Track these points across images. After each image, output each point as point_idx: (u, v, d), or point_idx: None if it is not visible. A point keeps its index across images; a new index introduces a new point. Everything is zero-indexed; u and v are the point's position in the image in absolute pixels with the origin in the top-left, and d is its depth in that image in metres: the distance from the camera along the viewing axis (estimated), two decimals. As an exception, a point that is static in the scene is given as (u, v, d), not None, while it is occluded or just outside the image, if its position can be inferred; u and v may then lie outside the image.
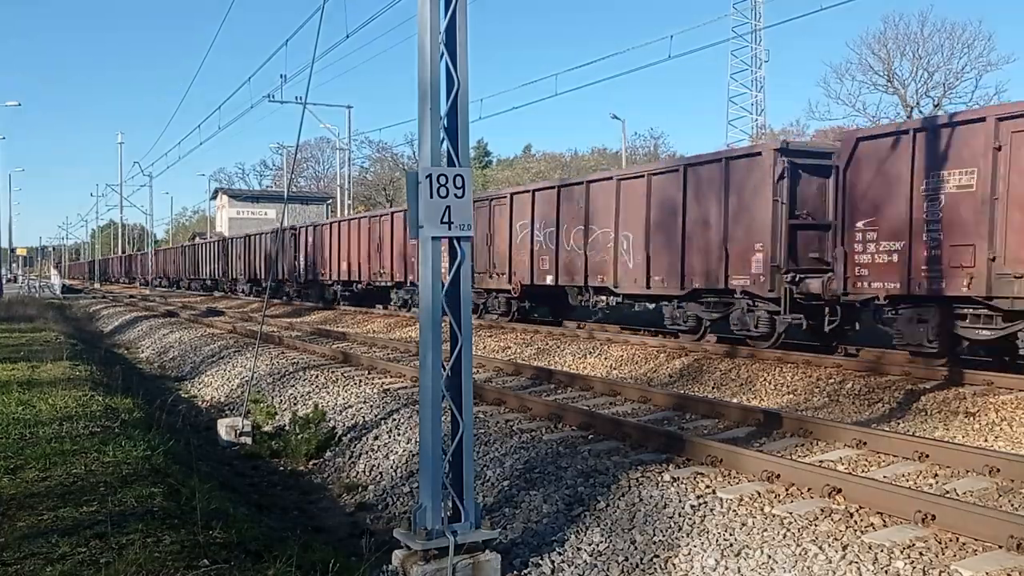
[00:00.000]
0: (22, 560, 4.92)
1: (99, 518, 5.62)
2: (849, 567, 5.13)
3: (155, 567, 4.81)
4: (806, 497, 6.33)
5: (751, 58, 59.32)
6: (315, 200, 71.75)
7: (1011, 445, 8.39)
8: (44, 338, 19.68)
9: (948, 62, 43.06)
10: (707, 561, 5.53)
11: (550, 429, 8.98)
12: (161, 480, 6.72)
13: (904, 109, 43.31)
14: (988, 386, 10.21)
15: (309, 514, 7.93)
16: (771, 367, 12.41)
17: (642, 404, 10.43)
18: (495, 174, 69.04)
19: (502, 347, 17.23)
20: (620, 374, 13.75)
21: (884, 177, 11.78)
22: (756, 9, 56.32)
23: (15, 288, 58.94)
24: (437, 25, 5.45)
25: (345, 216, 37.62)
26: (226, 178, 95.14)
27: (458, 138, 5.56)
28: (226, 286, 46.28)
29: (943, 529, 5.51)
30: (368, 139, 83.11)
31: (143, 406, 10.75)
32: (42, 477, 6.71)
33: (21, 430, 8.41)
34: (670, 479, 6.80)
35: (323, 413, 10.88)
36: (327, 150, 76.06)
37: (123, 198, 66.96)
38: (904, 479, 7.02)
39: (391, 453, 8.91)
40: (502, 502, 6.95)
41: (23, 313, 28.08)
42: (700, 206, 14.79)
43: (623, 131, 61.59)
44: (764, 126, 57.57)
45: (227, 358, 16.87)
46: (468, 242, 5.60)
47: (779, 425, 8.75)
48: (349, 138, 47.65)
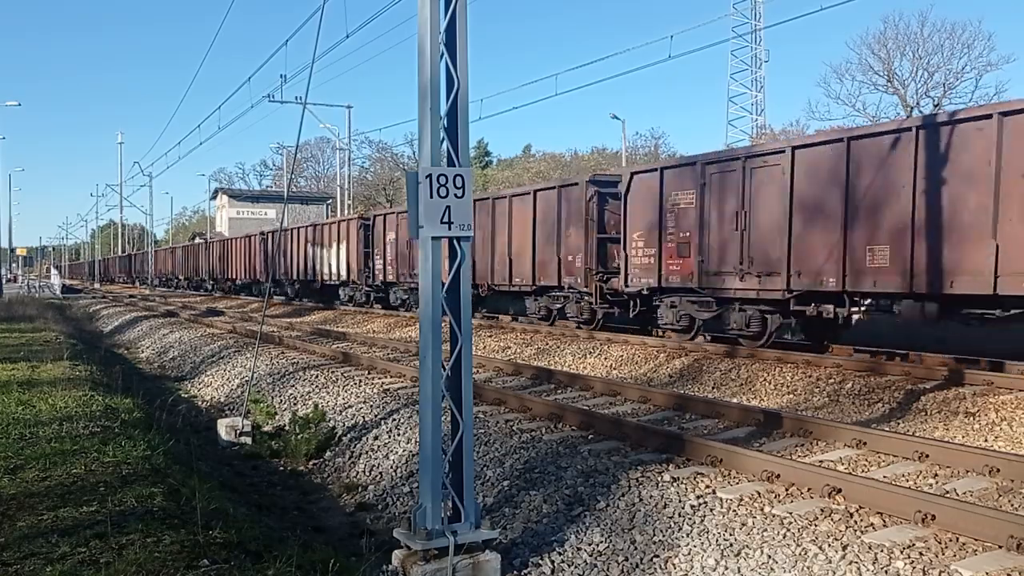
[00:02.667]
0: (22, 560, 4.92)
1: (99, 518, 5.61)
2: (849, 567, 5.14)
3: (155, 567, 4.80)
4: (806, 497, 6.33)
5: (751, 58, 59.39)
6: (315, 200, 71.71)
7: (1011, 445, 8.39)
8: (44, 338, 19.68)
9: (948, 62, 43.03)
10: (707, 561, 5.53)
11: (550, 429, 8.98)
12: (161, 480, 6.72)
13: (904, 109, 43.27)
14: (988, 386, 10.21)
15: (309, 514, 7.93)
16: (771, 367, 12.40)
17: (642, 404, 10.43)
18: (495, 174, 69.01)
19: (502, 347, 17.24)
20: (620, 374, 13.75)
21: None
22: (756, 9, 56.38)
23: (15, 288, 58.94)
24: (437, 25, 5.45)
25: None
26: (226, 178, 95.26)
27: (458, 138, 5.56)
28: (226, 286, 46.31)
29: (943, 529, 5.51)
30: (368, 139, 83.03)
31: (143, 406, 10.74)
32: (42, 477, 6.71)
33: (21, 430, 8.41)
34: (670, 479, 6.80)
35: (323, 413, 10.88)
36: (327, 150, 76.16)
37: (123, 198, 67.13)
38: (904, 479, 7.02)
39: (391, 453, 8.91)
40: (502, 502, 6.95)
41: (23, 313, 28.08)
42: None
43: (623, 131, 61.74)
44: (764, 126, 57.61)
45: (227, 358, 16.87)
46: (468, 242, 5.61)
47: (779, 425, 8.75)
48: (349, 138, 47.67)
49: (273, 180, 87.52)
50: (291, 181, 73.30)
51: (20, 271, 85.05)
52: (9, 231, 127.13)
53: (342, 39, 26.19)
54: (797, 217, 13.20)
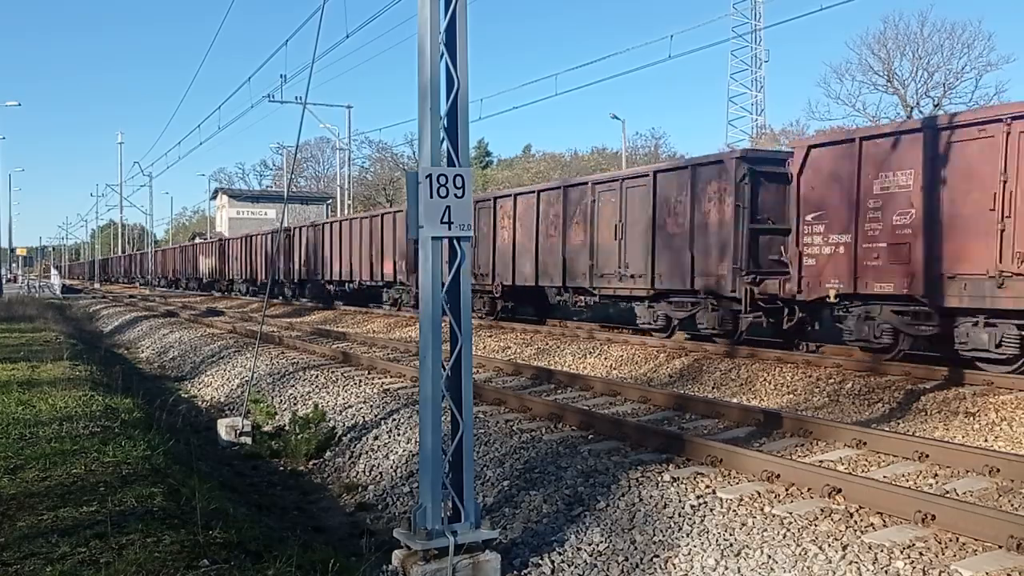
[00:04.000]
0: (22, 560, 4.92)
1: (99, 518, 5.61)
2: (849, 567, 5.13)
3: (155, 567, 4.80)
4: (806, 497, 6.33)
5: (751, 58, 59.49)
6: (315, 200, 71.67)
7: (1011, 445, 8.39)
8: (44, 338, 19.68)
9: (948, 62, 43.02)
10: (707, 561, 5.53)
11: (550, 429, 8.98)
12: (161, 480, 6.72)
13: (904, 109, 43.27)
14: (988, 386, 10.21)
15: (309, 514, 7.92)
16: (771, 367, 12.41)
17: (642, 404, 10.43)
18: (495, 174, 68.98)
19: (502, 347, 17.24)
20: (620, 374, 13.75)
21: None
22: (756, 9, 56.45)
23: (15, 288, 58.93)
24: (437, 25, 5.45)
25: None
26: (226, 178, 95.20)
27: (458, 138, 5.56)
28: (225, 286, 46.28)
29: (943, 529, 5.51)
30: (368, 139, 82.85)
31: (143, 406, 10.74)
32: (42, 477, 6.71)
33: (21, 430, 8.40)
34: (670, 479, 6.80)
35: (323, 413, 10.88)
36: (327, 150, 76.10)
37: (123, 198, 67.08)
38: (904, 479, 7.02)
39: (391, 453, 8.91)
40: (502, 502, 6.95)
41: (23, 313, 28.07)
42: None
43: (623, 131, 61.71)
44: (764, 126, 57.65)
45: (227, 358, 16.86)
46: (468, 242, 5.60)
47: (779, 425, 8.75)
48: (349, 138, 47.66)
49: (273, 180, 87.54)
50: (291, 181, 73.28)
51: (20, 271, 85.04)
52: (9, 231, 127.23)
53: (342, 39, 26.19)
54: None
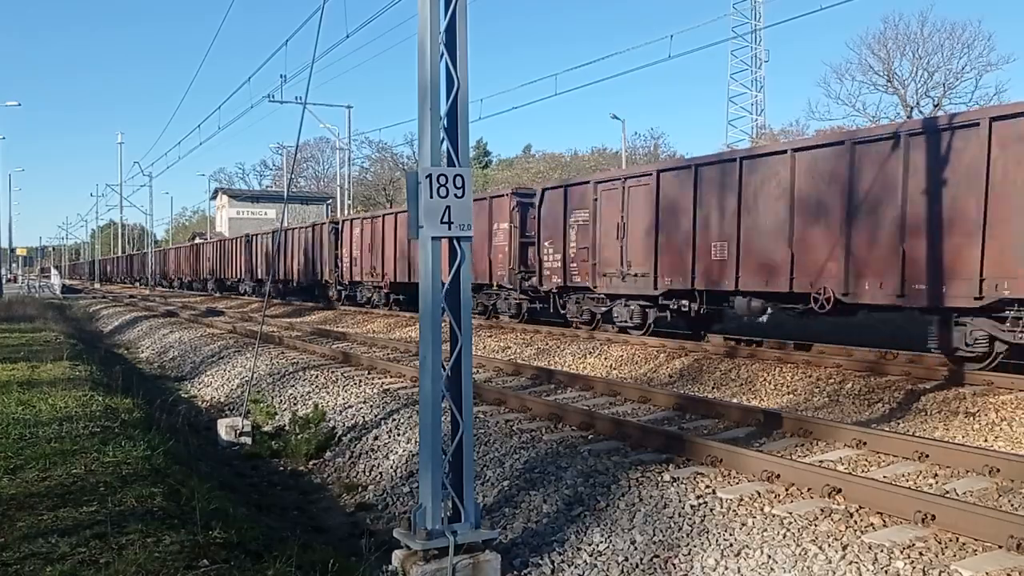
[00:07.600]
0: (22, 560, 4.92)
1: (99, 518, 5.61)
2: (849, 567, 5.13)
3: (155, 567, 4.80)
4: (806, 497, 6.33)
5: (751, 58, 59.49)
6: (315, 200, 71.72)
7: (1011, 445, 8.39)
8: (44, 338, 19.68)
9: (948, 62, 43.01)
10: (707, 561, 5.53)
11: (550, 429, 8.98)
12: (161, 480, 6.71)
13: (904, 109, 43.26)
14: (988, 386, 10.21)
15: (309, 514, 7.93)
16: (771, 367, 12.41)
17: (642, 404, 10.43)
18: (495, 174, 69.00)
19: (502, 347, 17.23)
20: (620, 374, 13.75)
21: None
22: (756, 9, 56.45)
23: (15, 288, 58.93)
24: (437, 25, 5.45)
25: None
26: (226, 178, 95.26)
27: (458, 138, 5.56)
28: (226, 285, 46.28)
29: (943, 529, 5.51)
30: (368, 139, 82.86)
31: (143, 406, 10.73)
32: (42, 477, 6.71)
33: (21, 430, 8.40)
34: (670, 479, 6.80)
35: (323, 413, 10.88)
36: (327, 150, 76.19)
37: (123, 198, 67.08)
38: (904, 479, 7.01)
39: (391, 453, 8.91)
40: (502, 502, 6.95)
41: (23, 313, 28.07)
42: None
43: (623, 131, 61.67)
44: (764, 126, 57.66)
45: (227, 358, 16.86)
46: (468, 242, 5.60)
47: (779, 425, 8.75)
48: (349, 138, 47.65)
49: (273, 180, 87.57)
50: (291, 181, 73.28)
51: (20, 271, 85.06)
52: (9, 231, 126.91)
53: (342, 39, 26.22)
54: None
